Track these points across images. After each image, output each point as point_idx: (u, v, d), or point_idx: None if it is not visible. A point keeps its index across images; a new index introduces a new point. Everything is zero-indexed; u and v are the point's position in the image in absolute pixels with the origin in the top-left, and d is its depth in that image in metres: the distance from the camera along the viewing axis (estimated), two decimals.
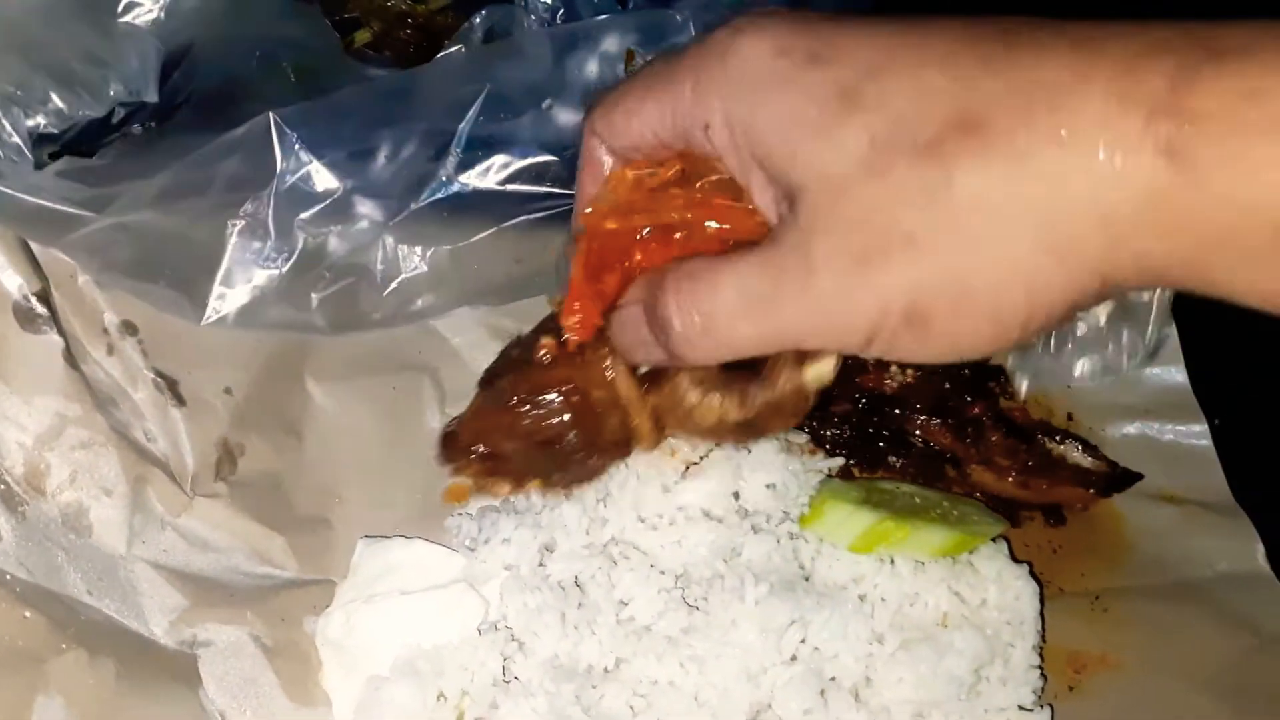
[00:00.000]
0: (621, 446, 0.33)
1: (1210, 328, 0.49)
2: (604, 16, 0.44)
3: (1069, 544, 0.47)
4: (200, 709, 0.35)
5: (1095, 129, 0.22)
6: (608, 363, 0.31)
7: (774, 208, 0.26)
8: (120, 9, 0.35)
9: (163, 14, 0.35)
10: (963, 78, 0.23)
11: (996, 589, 0.41)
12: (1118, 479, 0.46)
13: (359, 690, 0.38)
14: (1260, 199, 0.21)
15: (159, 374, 0.39)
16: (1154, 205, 0.22)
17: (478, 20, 0.45)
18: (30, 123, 0.34)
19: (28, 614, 0.32)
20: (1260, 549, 0.46)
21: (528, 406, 0.32)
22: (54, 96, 0.34)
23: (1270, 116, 0.20)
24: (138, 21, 0.35)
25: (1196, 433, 0.48)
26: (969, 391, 0.48)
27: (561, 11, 0.47)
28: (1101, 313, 0.45)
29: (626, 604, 0.41)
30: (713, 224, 0.29)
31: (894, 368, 0.48)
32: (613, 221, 0.29)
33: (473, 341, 0.47)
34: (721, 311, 0.26)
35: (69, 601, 0.34)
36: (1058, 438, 0.47)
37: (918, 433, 0.47)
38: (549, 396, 0.32)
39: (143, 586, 0.36)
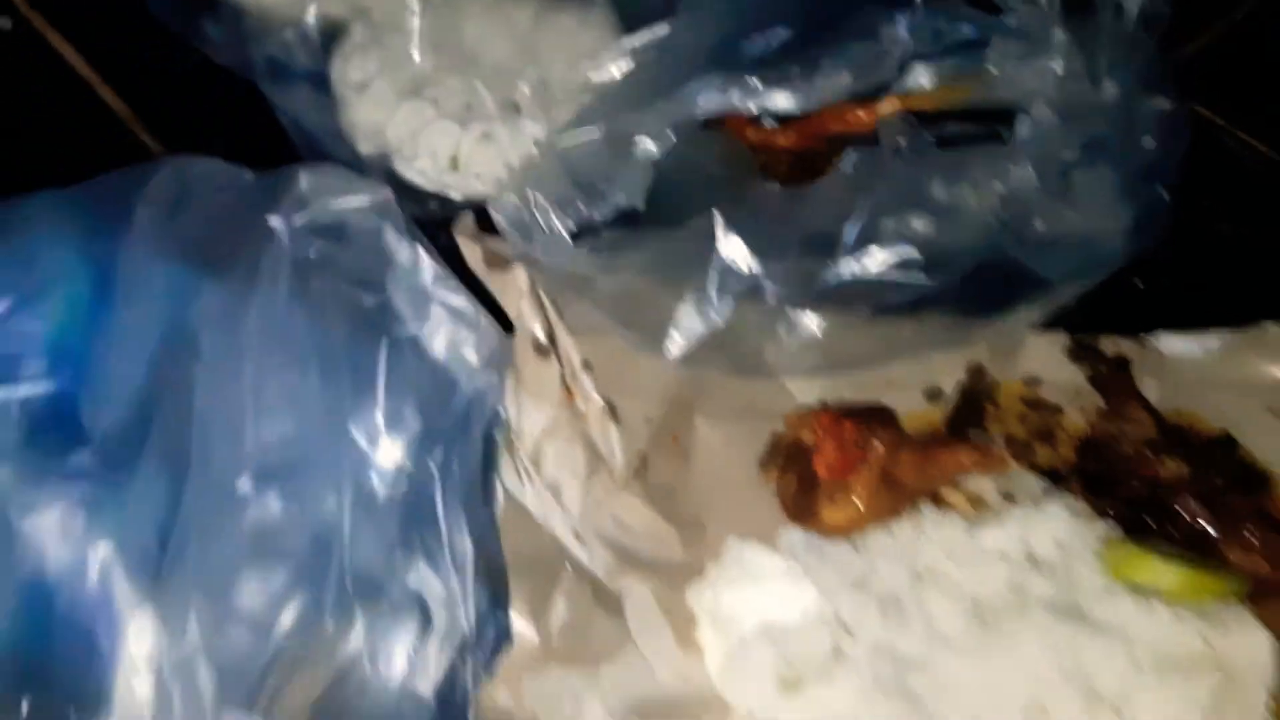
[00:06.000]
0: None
1: None
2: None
3: None
4: (628, 634, 0.49)
5: None
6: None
7: None
8: (632, 145, 0.51)
9: (656, 149, 0.51)
10: None
11: (1240, 639, 0.50)
12: None
13: (726, 646, 0.51)
14: None
15: (605, 399, 0.54)
16: None
17: (854, 156, 0.58)
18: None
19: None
20: None
21: None
22: (579, 203, 0.51)
23: None
24: (641, 154, 0.50)
25: None
26: (1232, 487, 0.57)
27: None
28: None
29: (933, 615, 0.52)
30: None
31: (1168, 460, 0.58)
32: None
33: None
34: None
35: (560, 546, 0.49)
36: None
37: (1185, 514, 0.56)
38: None
39: (592, 548, 0.50)
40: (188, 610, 0.41)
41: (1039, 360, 0.61)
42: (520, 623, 0.46)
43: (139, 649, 0.39)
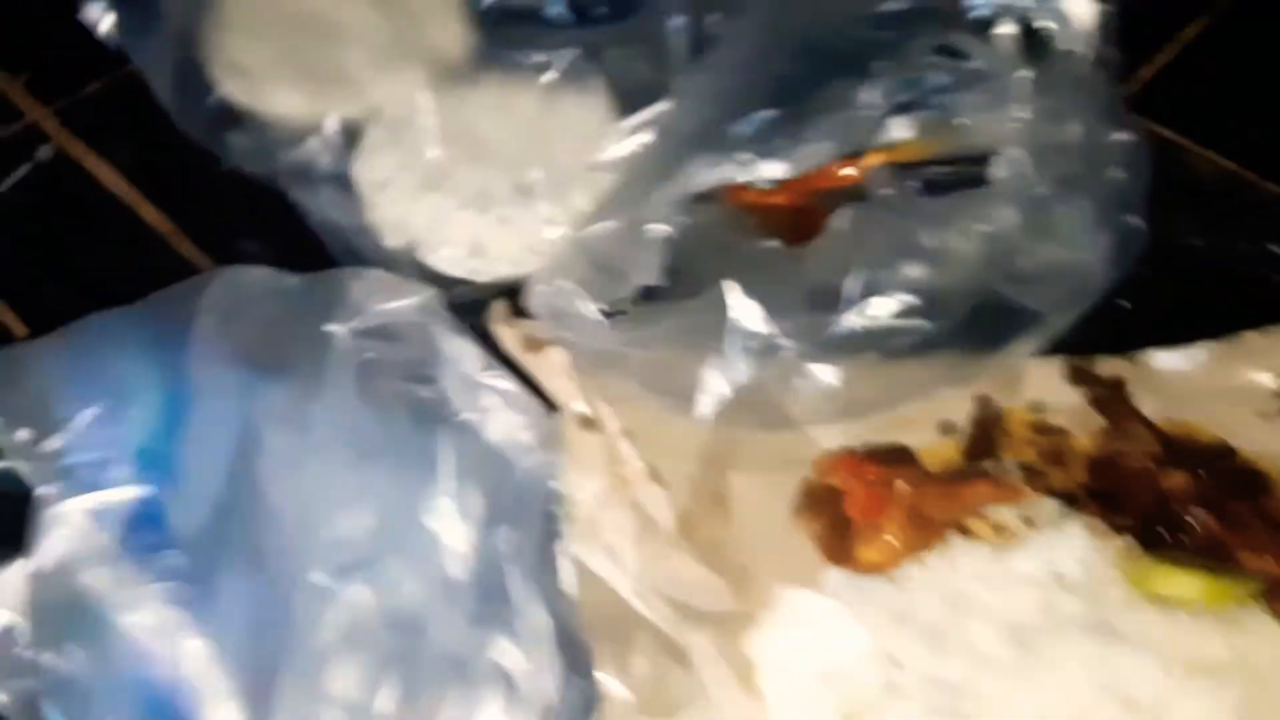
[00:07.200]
0: None
1: None
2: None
3: None
4: (699, 683, 0.52)
5: None
6: None
7: None
8: (645, 229, 0.55)
9: (665, 230, 0.55)
10: None
11: (1261, 641, 0.54)
12: None
13: (786, 690, 0.54)
14: None
15: (647, 463, 0.58)
16: None
17: (848, 213, 0.63)
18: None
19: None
20: None
21: None
22: (603, 286, 0.55)
23: None
24: (656, 235, 0.55)
25: None
26: (1235, 493, 0.61)
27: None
28: None
29: (973, 641, 0.56)
30: None
31: (1172, 472, 0.62)
32: None
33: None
34: None
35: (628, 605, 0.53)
36: None
37: (1195, 524, 0.60)
38: None
39: (653, 605, 0.54)
40: (273, 699, 0.44)
41: (1041, 386, 0.66)
42: (609, 682, 0.50)
43: None
